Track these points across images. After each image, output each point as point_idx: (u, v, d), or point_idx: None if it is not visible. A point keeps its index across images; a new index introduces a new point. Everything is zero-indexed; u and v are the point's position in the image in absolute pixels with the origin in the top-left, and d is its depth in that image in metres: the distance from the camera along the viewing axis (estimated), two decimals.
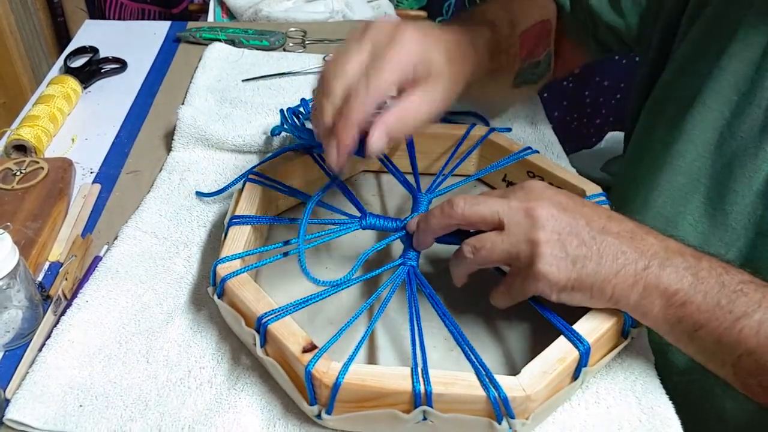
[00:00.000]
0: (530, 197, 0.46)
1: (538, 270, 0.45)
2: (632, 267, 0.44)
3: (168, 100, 0.81)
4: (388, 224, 0.54)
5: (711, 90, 0.56)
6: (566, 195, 0.48)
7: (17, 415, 0.45)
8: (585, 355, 0.45)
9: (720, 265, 0.44)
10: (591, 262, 0.44)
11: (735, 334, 0.42)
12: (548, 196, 0.47)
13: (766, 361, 0.42)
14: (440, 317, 0.47)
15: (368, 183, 0.68)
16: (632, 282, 0.44)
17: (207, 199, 0.65)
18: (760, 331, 0.42)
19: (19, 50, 1.47)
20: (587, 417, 0.47)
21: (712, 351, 0.44)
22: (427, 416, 0.42)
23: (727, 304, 0.43)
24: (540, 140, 0.75)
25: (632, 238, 0.45)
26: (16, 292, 0.50)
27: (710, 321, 0.43)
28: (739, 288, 0.43)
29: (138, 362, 0.49)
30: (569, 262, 0.44)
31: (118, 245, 0.59)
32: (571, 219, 0.45)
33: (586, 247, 0.45)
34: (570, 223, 0.45)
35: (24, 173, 0.66)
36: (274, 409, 0.47)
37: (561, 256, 0.44)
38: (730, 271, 0.44)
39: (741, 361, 0.43)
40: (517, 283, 0.47)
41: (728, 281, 0.43)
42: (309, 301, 0.47)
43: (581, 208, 0.47)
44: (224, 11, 1.16)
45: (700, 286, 0.43)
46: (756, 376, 0.43)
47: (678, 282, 0.44)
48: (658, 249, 0.45)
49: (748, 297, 0.43)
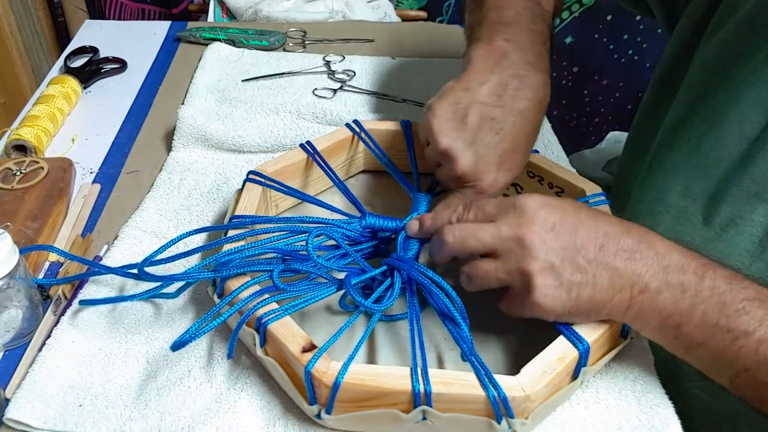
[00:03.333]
0: (522, 222, 0.45)
1: (532, 300, 0.44)
2: (628, 292, 0.44)
3: (168, 100, 0.81)
4: (388, 224, 0.54)
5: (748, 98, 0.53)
6: (561, 212, 0.46)
7: (17, 414, 0.45)
8: (584, 354, 0.45)
9: (725, 280, 0.43)
10: (586, 288, 0.44)
11: (733, 352, 0.42)
12: (541, 219, 0.45)
13: (762, 379, 0.42)
14: (440, 317, 0.47)
15: (368, 183, 0.68)
16: (627, 306, 0.44)
17: (207, 199, 0.65)
18: (759, 349, 0.41)
19: (19, 50, 1.46)
20: (587, 417, 0.47)
21: (709, 365, 0.44)
22: (426, 416, 0.42)
23: (727, 323, 0.42)
24: (540, 140, 0.74)
25: (629, 259, 0.44)
26: (16, 292, 0.50)
27: (708, 339, 0.43)
28: (741, 306, 0.42)
29: (138, 362, 0.49)
30: (564, 291, 0.44)
31: (118, 245, 0.59)
32: (565, 243, 0.44)
33: (580, 273, 0.44)
34: (564, 248, 0.44)
35: (24, 173, 0.66)
36: (274, 409, 0.47)
37: (555, 285, 0.44)
38: (735, 287, 0.43)
39: (739, 377, 0.43)
40: (516, 306, 0.47)
41: (730, 300, 0.42)
42: (309, 301, 0.48)
43: (577, 228, 0.45)
44: (224, 11, 1.16)
45: (699, 307, 0.43)
46: (754, 391, 0.43)
47: (674, 305, 0.43)
48: (657, 269, 0.44)
49: (749, 315, 0.42)
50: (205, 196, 0.65)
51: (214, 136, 0.70)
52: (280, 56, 0.89)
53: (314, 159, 0.61)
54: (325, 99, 0.80)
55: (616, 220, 0.46)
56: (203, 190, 0.66)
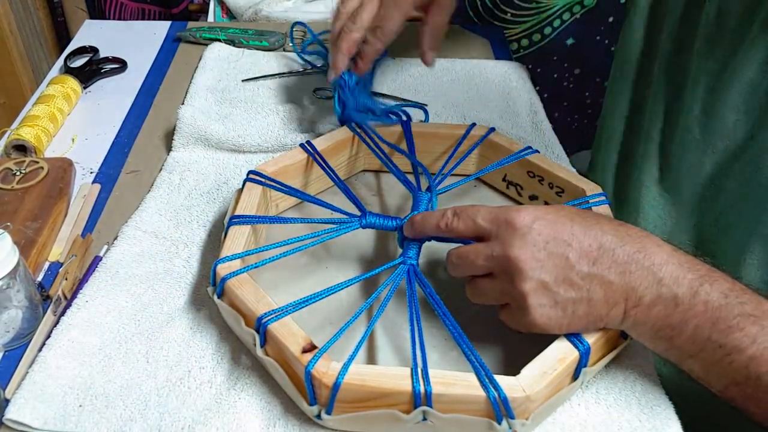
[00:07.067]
0: (513, 241, 0.44)
1: (528, 320, 0.45)
2: (622, 306, 0.44)
3: (168, 100, 0.81)
4: (388, 223, 0.54)
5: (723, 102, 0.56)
6: (553, 227, 0.45)
7: (17, 415, 0.45)
8: (585, 355, 0.45)
9: (721, 294, 0.42)
10: (581, 304, 0.44)
11: (724, 366, 0.42)
12: (533, 236, 0.44)
13: (751, 393, 0.42)
14: (440, 317, 0.47)
15: (368, 182, 0.68)
16: (622, 318, 0.45)
17: (207, 199, 0.65)
18: (750, 366, 0.41)
19: (19, 50, 1.46)
20: (587, 417, 0.47)
21: (701, 376, 0.45)
22: (426, 416, 0.42)
23: (719, 338, 0.42)
24: (540, 140, 0.75)
25: (624, 272, 0.43)
26: (16, 292, 0.50)
27: (699, 353, 0.43)
28: (735, 323, 0.42)
29: (138, 362, 0.49)
30: (559, 309, 0.44)
31: (118, 245, 0.59)
32: (558, 261, 0.44)
33: (575, 290, 0.44)
34: (557, 266, 0.44)
35: (24, 173, 0.66)
36: (274, 409, 0.47)
37: (549, 305, 0.44)
38: (731, 301, 0.42)
39: (728, 390, 0.43)
40: (514, 323, 0.47)
41: (724, 315, 0.42)
42: (309, 301, 0.47)
43: (570, 242, 0.44)
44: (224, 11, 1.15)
45: (692, 321, 0.42)
46: (743, 403, 0.43)
47: (666, 318, 0.43)
48: (651, 281, 0.43)
49: (743, 332, 0.41)
50: (205, 196, 0.65)
51: (214, 136, 0.70)
52: (281, 56, 0.89)
53: (314, 159, 0.61)
54: (325, 99, 0.79)
55: (611, 228, 0.45)
56: (203, 190, 0.66)
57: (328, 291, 0.48)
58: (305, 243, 0.52)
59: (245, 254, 0.51)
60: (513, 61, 0.91)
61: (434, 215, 0.50)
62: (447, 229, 0.49)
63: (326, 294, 0.48)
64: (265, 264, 0.52)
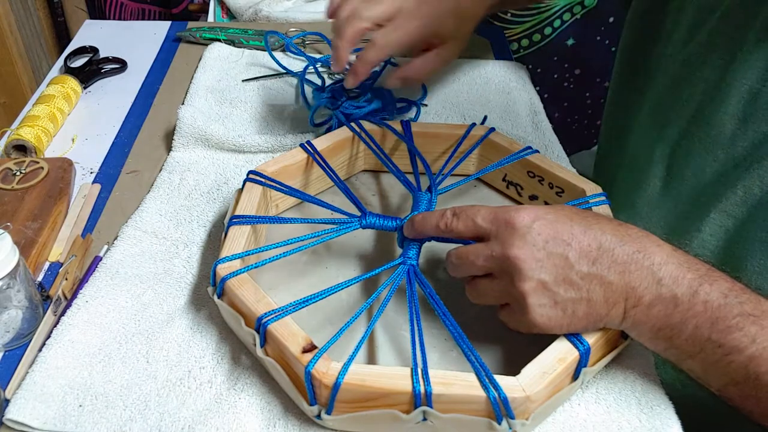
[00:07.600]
0: (513, 241, 0.44)
1: (529, 320, 0.45)
2: (621, 306, 0.44)
3: (168, 100, 0.81)
4: (388, 223, 0.54)
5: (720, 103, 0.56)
6: (553, 227, 0.45)
7: (17, 415, 0.45)
8: (585, 355, 0.45)
9: (720, 294, 0.42)
10: (581, 304, 0.44)
11: (723, 366, 0.42)
12: (533, 236, 0.44)
13: (749, 392, 0.42)
14: (440, 317, 0.47)
15: (368, 182, 0.68)
16: (622, 318, 0.45)
17: (207, 199, 0.65)
18: (749, 366, 0.41)
19: (19, 50, 1.47)
20: (587, 417, 0.47)
21: (700, 375, 0.45)
22: (427, 416, 0.42)
23: (718, 338, 0.42)
24: (540, 140, 0.75)
25: (623, 272, 0.43)
26: (16, 292, 0.50)
27: (699, 353, 0.43)
28: (735, 323, 0.42)
29: (138, 362, 0.49)
30: (559, 309, 0.44)
31: (118, 245, 0.59)
32: (558, 261, 0.44)
33: (574, 290, 0.44)
34: (556, 266, 0.44)
35: (24, 173, 0.66)
36: (274, 409, 0.47)
37: (549, 305, 0.44)
38: (731, 301, 0.42)
39: (727, 389, 0.43)
40: (514, 323, 0.47)
41: (723, 315, 0.42)
42: (309, 301, 0.47)
43: (570, 242, 0.44)
44: (224, 11, 1.15)
45: (691, 321, 0.43)
46: (742, 402, 0.43)
47: (666, 318, 0.43)
48: (650, 282, 0.43)
49: (742, 332, 0.41)
50: (205, 196, 0.65)
51: (214, 136, 0.70)
52: (280, 56, 0.89)
53: (314, 159, 0.61)
54: None
55: (610, 228, 0.45)
56: (203, 190, 0.66)
57: (328, 291, 0.48)
58: (305, 243, 0.52)
59: (245, 254, 0.51)
60: (513, 61, 0.91)
61: (434, 215, 0.50)
62: (447, 229, 0.49)
63: (326, 294, 0.48)
64: (265, 264, 0.52)
